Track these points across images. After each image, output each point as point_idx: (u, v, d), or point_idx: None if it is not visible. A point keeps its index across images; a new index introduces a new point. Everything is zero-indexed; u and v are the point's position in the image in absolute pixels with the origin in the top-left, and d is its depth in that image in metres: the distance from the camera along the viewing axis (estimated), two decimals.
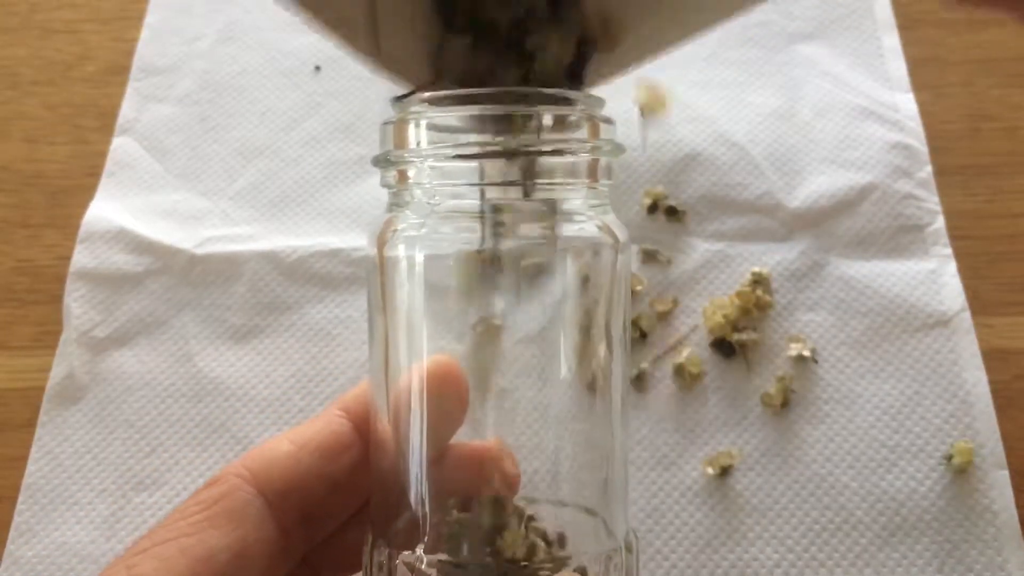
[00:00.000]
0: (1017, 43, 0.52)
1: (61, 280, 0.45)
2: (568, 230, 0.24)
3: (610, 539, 0.25)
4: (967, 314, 0.42)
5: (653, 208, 0.46)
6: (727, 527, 0.38)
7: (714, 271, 0.44)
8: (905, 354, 0.41)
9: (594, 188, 0.24)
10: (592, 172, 0.24)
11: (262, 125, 0.51)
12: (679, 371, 0.41)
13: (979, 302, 0.43)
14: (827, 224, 0.45)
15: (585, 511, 0.24)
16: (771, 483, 0.39)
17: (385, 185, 0.24)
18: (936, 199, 0.46)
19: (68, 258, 0.46)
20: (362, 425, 0.26)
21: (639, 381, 0.41)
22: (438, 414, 0.24)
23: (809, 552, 0.37)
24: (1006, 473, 0.38)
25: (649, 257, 0.45)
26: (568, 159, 0.23)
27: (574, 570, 0.23)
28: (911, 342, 0.42)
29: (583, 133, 0.24)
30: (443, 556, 0.23)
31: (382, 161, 0.24)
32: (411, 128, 0.23)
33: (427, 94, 0.23)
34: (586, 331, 0.25)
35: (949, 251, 0.44)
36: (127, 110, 0.52)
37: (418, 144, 0.23)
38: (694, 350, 0.42)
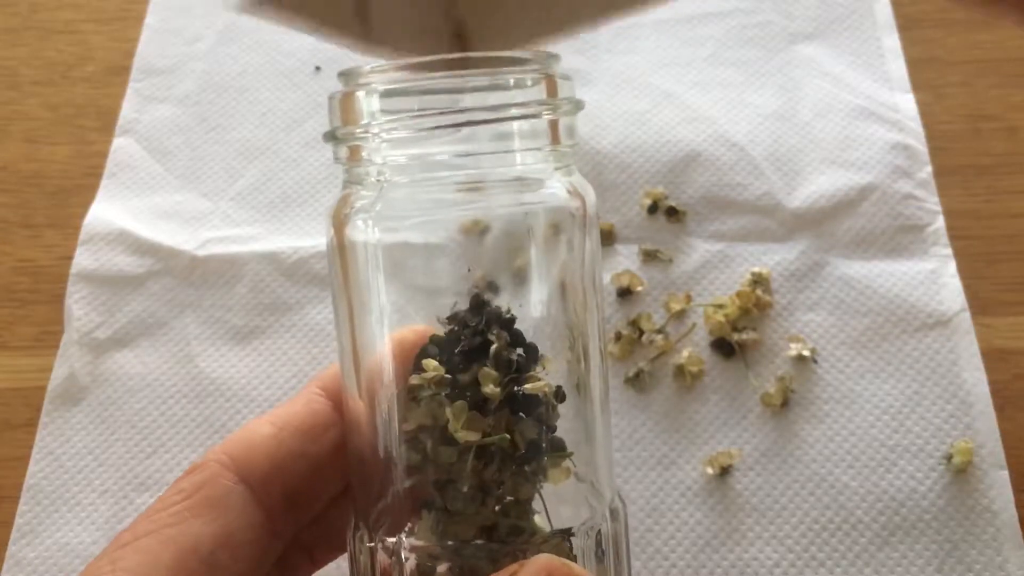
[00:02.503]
0: (1017, 43, 0.52)
1: (61, 280, 0.46)
2: (535, 195, 0.24)
3: (599, 503, 0.24)
4: (967, 314, 0.42)
5: (653, 208, 0.46)
6: (727, 527, 0.38)
7: (714, 271, 0.44)
8: (905, 354, 0.42)
9: (557, 150, 0.23)
10: (554, 133, 0.23)
11: (263, 126, 0.51)
12: (679, 371, 0.41)
13: (979, 302, 0.43)
14: (827, 224, 0.45)
15: (574, 476, 0.24)
16: (771, 483, 0.39)
17: (338, 161, 0.24)
18: (936, 199, 0.46)
19: (68, 258, 0.46)
20: (342, 403, 0.25)
21: (639, 381, 0.41)
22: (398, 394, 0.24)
23: (809, 552, 0.37)
24: (1006, 473, 0.38)
25: (649, 257, 0.45)
26: (528, 122, 0.22)
27: (558, 545, 0.23)
28: (911, 342, 0.42)
29: (540, 93, 0.23)
30: (424, 542, 0.23)
31: (332, 137, 0.23)
32: (361, 101, 0.22)
33: (375, 64, 0.22)
34: (561, 294, 0.24)
35: (949, 251, 0.44)
36: (127, 110, 0.52)
37: (369, 117, 0.22)
38: (694, 350, 0.42)
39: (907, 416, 0.40)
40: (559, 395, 0.23)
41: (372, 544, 0.23)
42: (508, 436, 0.22)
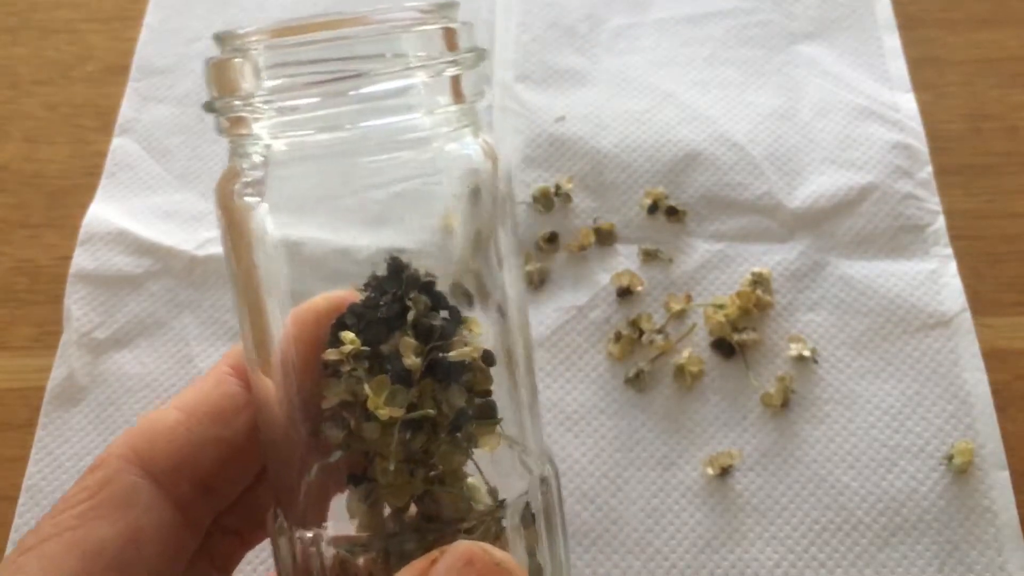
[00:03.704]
0: (1017, 43, 0.52)
1: (61, 280, 0.45)
2: (440, 156, 0.22)
3: (532, 468, 0.23)
4: (967, 314, 0.42)
5: (653, 208, 0.46)
6: (727, 527, 0.38)
7: (714, 271, 0.44)
8: (905, 354, 0.41)
9: (462, 105, 0.22)
10: (456, 89, 0.21)
11: None
12: (679, 371, 0.41)
13: (979, 302, 0.43)
14: (827, 224, 0.45)
15: (505, 442, 0.22)
16: (771, 483, 0.39)
17: (221, 133, 0.22)
18: (936, 199, 0.46)
19: (68, 258, 0.46)
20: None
21: (639, 381, 0.41)
22: (314, 368, 0.22)
23: (809, 552, 0.37)
24: (1006, 473, 0.38)
25: (649, 257, 0.45)
26: (427, 79, 0.21)
27: (484, 527, 0.21)
28: (911, 342, 0.42)
29: (439, 47, 0.21)
30: (345, 532, 0.21)
31: (211, 108, 0.21)
32: (239, 68, 0.20)
33: (253, 27, 0.21)
34: (479, 254, 0.23)
35: (949, 251, 0.44)
36: (127, 110, 0.52)
37: (250, 85, 0.20)
38: (694, 350, 0.42)
39: (908, 416, 0.40)
40: (487, 359, 0.22)
41: (292, 531, 0.22)
42: (431, 411, 0.21)
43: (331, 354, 0.21)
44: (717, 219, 0.46)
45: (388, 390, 0.20)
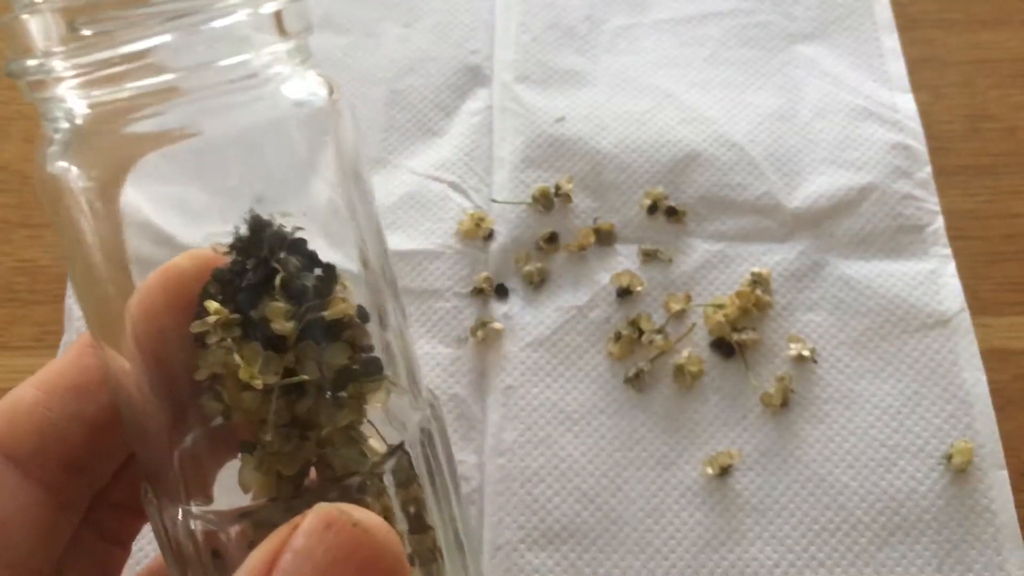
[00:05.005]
0: (1016, 43, 0.52)
1: (61, 280, 0.46)
2: (271, 98, 0.20)
3: (414, 416, 0.22)
4: (966, 314, 0.42)
5: (653, 208, 0.46)
6: (726, 527, 0.38)
7: (714, 271, 0.44)
8: (904, 354, 0.42)
9: (289, 41, 0.20)
10: (279, 24, 0.20)
11: None
12: (679, 371, 0.41)
13: (978, 302, 0.43)
14: (827, 224, 0.45)
15: (390, 396, 0.21)
16: (771, 483, 0.39)
17: (26, 97, 0.20)
18: (935, 199, 0.46)
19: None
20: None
21: (638, 381, 0.41)
22: (179, 336, 0.20)
23: (808, 552, 0.37)
24: (1005, 473, 0.38)
25: (649, 257, 0.45)
26: (244, 17, 0.19)
27: (368, 483, 0.21)
28: (910, 342, 0.42)
29: None
30: (217, 508, 0.21)
31: (10, 73, 0.19)
32: (33, 26, 0.19)
33: None
34: (332, 200, 0.22)
35: (948, 251, 0.44)
36: None
37: (45, 45, 0.19)
38: (694, 350, 0.42)
39: (907, 416, 0.40)
40: (362, 315, 0.21)
41: (163, 505, 0.21)
42: (306, 377, 0.20)
43: (198, 326, 0.20)
44: (717, 219, 0.46)
45: (261, 357, 0.20)
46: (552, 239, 0.46)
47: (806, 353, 0.42)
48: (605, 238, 0.46)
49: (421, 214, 0.47)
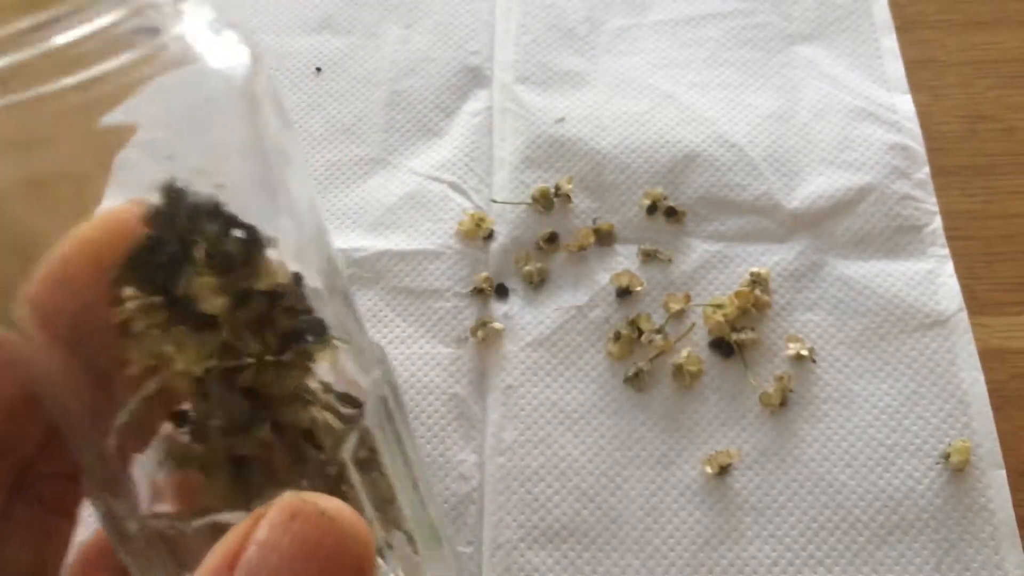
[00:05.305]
0: (1014, 44, 0.52)
1: None
2: (181, 44, 0.18)
3: (367, 384, 0.21)
4: (964, 314, 0.42)
5: (652, 208, 0.46)
6: (725, 526, 0.38)
7: (713, 271, 0.45)
8: (903, 354, 0.42)
9: None
10: None
11: None
12: (678, 371, 0.42)
13: (976, 302, 0.43)
14: (825, 225, 0.45)
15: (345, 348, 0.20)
16: (769, 482, 0.39)
17: None
18: (934, 200, 0.46)
19: None
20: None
21: (638, 381, 0.42)
22: (95, 317, 0.19)
23: (807, 550, 0.37)
24: (1003, 472, 0.38)
25: (648, 257, 0.45)
26: None
27: (327, 468, 0.20)
28: (909, 342, 0.42)
29: None
30: (162, 507, 0.20)
31: None
32: None
33: None
34: (253, 153, 0.20)
35: (946, 251, 0.44)
36: None
37: None
38: (693, 350, 0.42)
39: (905, 415, 0.40)
40: (297, 279, 0.20)
41: (100, 497, 0.20)
42: (250, 356, 0.18)
43: (118, 315, 0.18)
44: (716, 219, 0.46)
45: (192, 341, 0.18)
46: (552, 239, 0.46)
47: (805, 353, 0.42)
48: (605, 238, 0.46)
49: (421, 214, 0.47)
